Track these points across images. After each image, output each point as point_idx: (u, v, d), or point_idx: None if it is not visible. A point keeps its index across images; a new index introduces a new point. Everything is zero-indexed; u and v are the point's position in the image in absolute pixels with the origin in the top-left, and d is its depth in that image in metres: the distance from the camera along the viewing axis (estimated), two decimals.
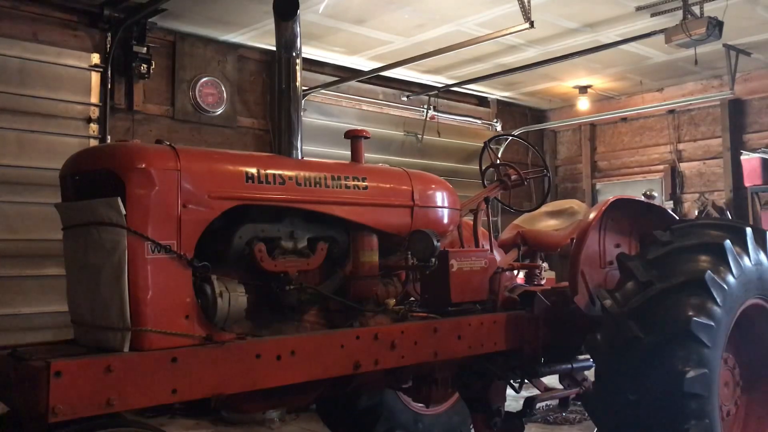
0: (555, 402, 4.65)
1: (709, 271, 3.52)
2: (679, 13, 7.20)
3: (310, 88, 8.99)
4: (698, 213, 10.48)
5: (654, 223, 4.26)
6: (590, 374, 4.21)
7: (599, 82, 10.69)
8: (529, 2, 6.68)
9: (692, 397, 3.33)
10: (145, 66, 7.52)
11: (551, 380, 4.68)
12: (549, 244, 4.75)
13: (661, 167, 11.32)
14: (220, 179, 3.05)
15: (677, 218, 4.51)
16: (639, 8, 7.53)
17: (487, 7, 7.44)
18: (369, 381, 3.84)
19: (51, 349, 2.84)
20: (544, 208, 5.11)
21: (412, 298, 4.01)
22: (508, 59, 9.28)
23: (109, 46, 7.34)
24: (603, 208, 4.22)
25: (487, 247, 4.36)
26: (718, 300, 3.50)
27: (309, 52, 8.68)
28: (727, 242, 3.69)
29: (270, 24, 4.10)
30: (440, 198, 4.01)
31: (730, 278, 3.61)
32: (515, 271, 4.73)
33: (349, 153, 3.89)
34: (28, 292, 6.66)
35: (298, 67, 3.47)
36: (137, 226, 2.71)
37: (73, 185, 2.99)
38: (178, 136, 7.96)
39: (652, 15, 7.64)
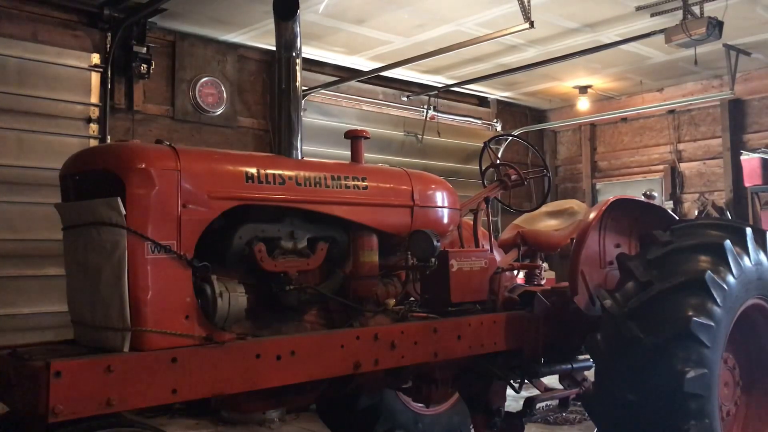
0: (555, 402, 4.66)
1: (709, 271, 3.52)
2: (679, 13, 7.20)
3: (310, 88, 8.99)
4: (698, 213, 10.47)
5: (654, 223, 4.26)
6: (590, 374, 4.21)
7: (599, 82, 10.68)
8: (529, 2, 6.68)
9: (692, 397, 3.33)
10: (145, 66, 7.50)
11: (551, 380, 4.68)
12: (549, 244, 4.75)
13: (661, 167, 11.31)
14: (220, 179, 3.05)
15: (677, 218, 4.51)
16: (639, 8, 7.52)
17: (487, 7, 7.44)
18: (369, 381, 3.84)
19: (51, 349, 2.84)
20: (544, 208, 5.11)
21: (412, 298, 4.01)
22: (508, 59, 9.28)
23: (109, 46, 7.33)
24: (603, 208, 4.22)
25: (487, 247, 4.37)
26: (718, 300, 3.50)
27: (309, 52, 8.68)
28: (727, 242, 3.69)
29: (270, 24, 4.10)
30: (440, 198, 4.01)
31: (730, 278, 3.61)
32: (515, 271, 4.73)
33: (349, 153, 3.89)
34: (28, 292, 6.65)
35: (298, 67, 3.47)
36: (137, 226, 2.71)
37: (73, 185, 2.99)
38: (178, 136, 7.96)
39: (652, 15, 7.64)
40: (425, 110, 10.57)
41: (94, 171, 2.89)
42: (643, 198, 6.03)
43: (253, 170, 3.16)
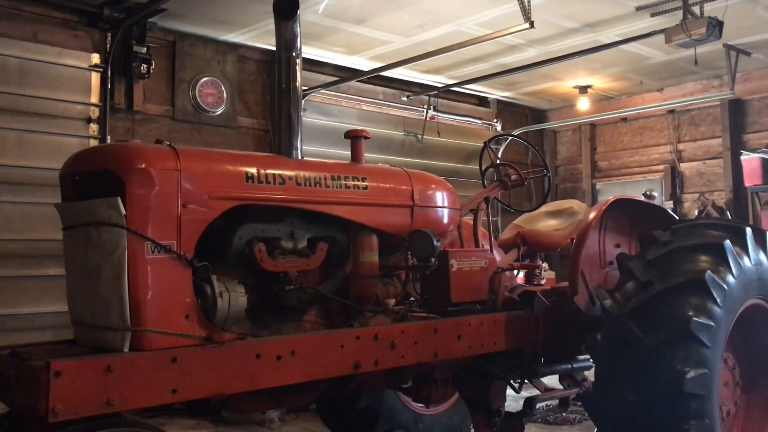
0: (555, 402, 4.65)
1: (709, 271, 3.52)
2: (679, 13, 7.20)
3: (310, 88, 8.99)
4: (698, 213, 10.47)
5: (654, 223, 4.26)
6: (590, 374, 4.21)
7: (599, 82, 10.68)
8: (529, 2, 6.68)
9: (692, 397, 3.33)
10: (145, 66, 7.51)
11: (551, 380, 4.68)
12: (549, 244, 4.75)
13: (661, 167, 11.31)
14: (220, 179, 3.05)
15: (677, 218, 4.50)
16: (639, 8, 7.53)
17: (487, 7, 7.44)
18: (369, 381, 3.84)
19: (51, 349, 2.84)
20: (544, 208, 5.11)
21: (412, 298, 4.01)
22: (508, 59, 9.28)
23: (109, 46, 7.33)
24: (603, 208, 4.22)
25: (487, 247, 4.37)
26: (718, 300, 3.50)
27: (309, 52, 8.68)
28: (727, 242, 3.69)
29: (270, 24, 4.11)
30: (440, 198, 4.01)
31: (730, 278, 3.61)
32: (515, 271, 4.73)
33: (349, 153, 3.89)
34: (28, 292, 6.65)
35: (298, 67, 3.47)
36: (137, 226, 2.72)
37: (73, 185, 2.99)
38: (178, 136, 7.96)
39: (652, 15, 7.64)
40: (425, 110, 10.57)
41: (94, 171, 2.89)
42: (643, 198, 6.03)
43: (253, 170, 3.16)
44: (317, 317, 3.51)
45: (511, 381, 4.21)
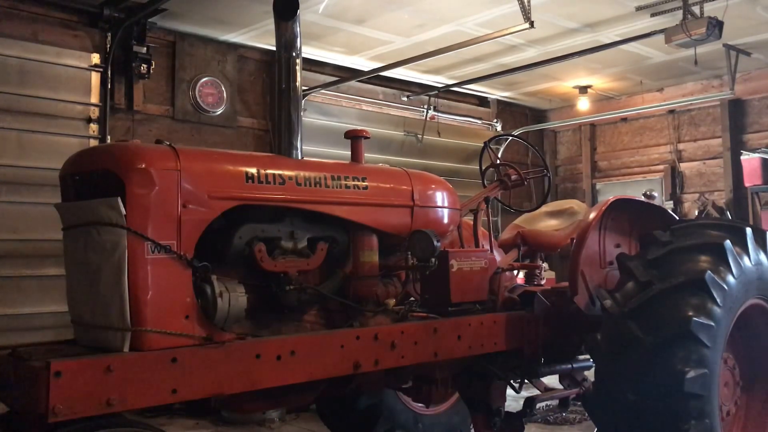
0: (555, 402, 4.65)
1: (709, 271, 3.52)
2: (679, 13, 7.20)
3: (310, 88, 8.99)
4: (698, 213, 10.47)
5: (654, 223, 4.26)
6: (590, 374, 4.20)
7: (599, 82, 10.68)
8: (529, 2, 6.68)
9: (692, 397, 3.33)
10: (145, 66, 7.51)
11: (551, 380, 4.68)
12: (549, 244, 4.75)
13: (661, 167, 11.32)
14: (220, 179, 3.05)
15: (677, 218, 4.50)
16: (639, 8, 7.53)
17: (487, 7, 7.44)
18: (369, 381, 3.84)
19: (51, 349, 2.84)
20: (544, 208, 5.11)
21: (412, 298, 4.01)
22: (508, 59, 9.28)
23: (109, 46, 7.34)
24: (603, 208, 4.22)
25: (487, 247, 4.37)
26: (718, 300, 3.50)
27: (309, 52, 8.68)
28: (727, 242, 3.69)
29: (270, 24, 4.11)
30: (440, 198, 4.01)
31: (730, 278, 3.61)
32: (515, 271, 4.73)
33: (349, 153, 3.89)
34: (28, 292, 6.65)
35: (298, 67, 3.47)
36: (137, 226, 2.71)
37: (73, 185, 2.99)
38: (178, 136, 7.96)
39: (652, 15, 7.64)
40: (425, 110, 10.58)
41: (94, 171, 2.89)
42: (643, 198, 6.03)
43: (253, 170, 3.16)
44: (317, 317, 3.51)
45: (511, 381, 4.21)
